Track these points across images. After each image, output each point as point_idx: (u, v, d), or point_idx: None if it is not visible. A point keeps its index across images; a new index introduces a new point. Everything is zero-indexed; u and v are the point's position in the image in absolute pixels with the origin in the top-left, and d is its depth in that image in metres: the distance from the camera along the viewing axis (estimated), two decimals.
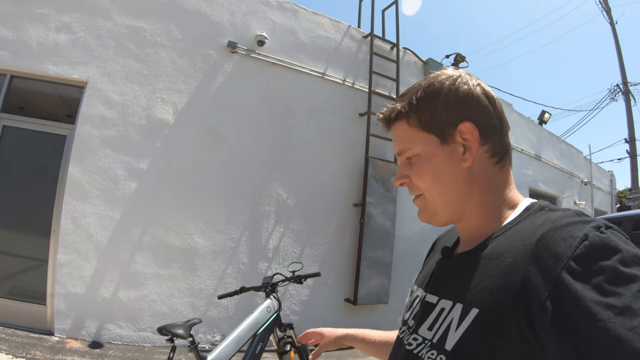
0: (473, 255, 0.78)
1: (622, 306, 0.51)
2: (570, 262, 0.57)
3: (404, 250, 6.49)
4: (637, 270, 0.55)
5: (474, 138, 0.79)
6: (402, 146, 0.86)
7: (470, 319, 0.68)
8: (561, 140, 12.14)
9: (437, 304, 0.80)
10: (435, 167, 0.81)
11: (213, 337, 4.94)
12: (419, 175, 0.83)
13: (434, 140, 0.81)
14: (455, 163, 0.80)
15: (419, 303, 0.89)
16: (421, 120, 0.82)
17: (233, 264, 5.22)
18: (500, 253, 0.70)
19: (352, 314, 5.93)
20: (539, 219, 0.71)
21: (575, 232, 0.61)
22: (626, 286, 0.53)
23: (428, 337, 0.77)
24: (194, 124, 5.19)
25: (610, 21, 14.98)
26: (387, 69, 6.81)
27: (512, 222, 0.76)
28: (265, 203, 5.53)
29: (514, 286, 0.62)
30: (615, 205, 15.75)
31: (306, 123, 5.96)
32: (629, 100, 15.06)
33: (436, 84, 0.82)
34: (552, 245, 0.61)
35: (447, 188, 0.81)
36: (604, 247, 0.57)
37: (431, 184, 0.82)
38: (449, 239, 1.00)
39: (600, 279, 0.54)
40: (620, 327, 0.50)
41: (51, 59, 4.56)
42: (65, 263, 4.36)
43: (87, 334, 4.37)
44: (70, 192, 4.48)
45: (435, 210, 0.84)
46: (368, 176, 6.07)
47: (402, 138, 0.86)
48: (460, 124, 0.80)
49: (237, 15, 5.60)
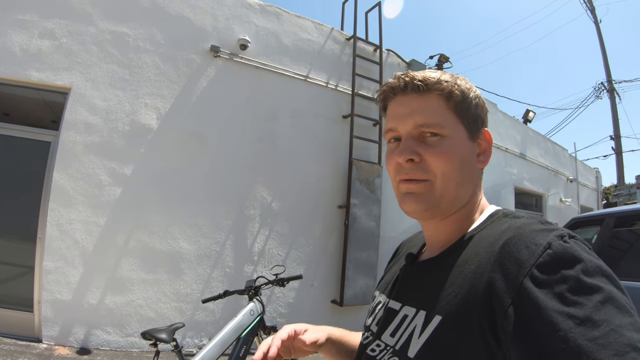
0: (437, 262, 0.79)
1: (584, 316, 0.52)
2: (534, 269, 0.58)
3: (389, 250, 6.58)
4: (599, 281, 0.56)
5: (490, 145, 0.85)
6: (434, 120, 0.78)
7: (433, 326, 0.69)
8: (546, 138, 12.44)
9: (400, 311, 0.81)
10: (463, 155, 0.80)
11: (200, 341, 5.07)
12: (444, 156, 0.77)
13: (464, 132, 0.81)
14: (474, 161, 0.82)
15: (382, 309, 0.89)
16: (459, 107, 0.80)
17: (219, 267, 5.34)
18: (465, 260, 0.72)
19: (338, 315, 6.09)
20: (503, 226, 0.72)
21: (538, 240, 0.62)
22: (588, 296, 0.54)
23: (391, 343, 0.78)
24: (177, 129, 5.32)
25: (594, 20, 15.31)
26: (371, 71, 6.99)
27: (476, 228, 0.78)
28: (250, 206, 5.66)
29: (478, 293, 0.64)
30: (601, 201, 16.06)
31: (290, 126, 6.12)
32: (614, 97, 15.38)
33: (461, 83, 0.82)
34: (515, 252, 0.62)
35: (465, 181, 0.80)
36: (567, 256, 0.59)
37: (454, 169, 0.78)
38: (413, 245, 1.01)
39: (562, 288, 0.55)
40: (581, 337, 0.51)
41: (34, 65, 4.66)
42: (51, 270, 4.47)
43: (75, 341, 4.49)
44: (56, 198, 4.58)
45: (440, 200, 0.78)
46: (352, 178, 6.25)
47: (433, 111, 0.79)
48: (484, 127, 0.84)
49: (219, 19, 5.73)
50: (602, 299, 0.54)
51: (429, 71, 0.83)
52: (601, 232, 4.03)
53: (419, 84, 0.79)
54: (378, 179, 6.54)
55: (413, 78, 0.80)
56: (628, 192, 14.15)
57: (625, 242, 3.90)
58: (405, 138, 0.81)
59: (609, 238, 3.90)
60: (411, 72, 0.82)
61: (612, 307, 0.53)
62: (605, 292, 0.55)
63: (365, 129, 6.68)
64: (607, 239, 3.89)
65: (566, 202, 12.20)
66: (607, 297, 0.54)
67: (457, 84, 0.80)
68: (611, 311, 0.53)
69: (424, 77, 0.80)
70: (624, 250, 3.86)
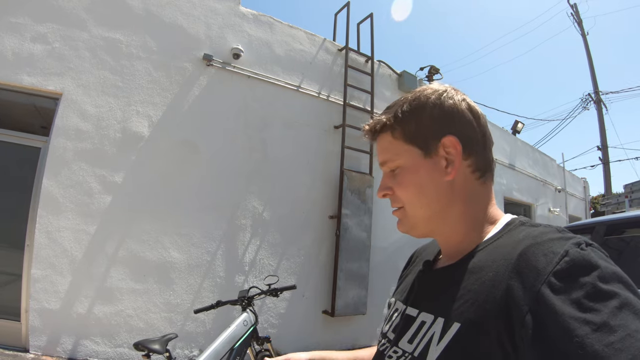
0: (454, 269, 0.81)
1: (600, 322, 0.54)
2: (551, 277, 0.60)
3: (381, 261, 6.73)
4: (616, 287, 0.58)
5: (457, 152, 0.83)
6: (386, 157, 0.89)
7: (452, 333, 0.70)
8: (535, 149, 12.72)
9: (418, 317, 0.82)
10: (418, 179, 0.84)
11: (191, 351, 5.07)
12: (402, 186, 0.86)
13: (418, 152, 0.84)
14: (438, 176, 0.83)
15: (398, 316, 0.91)
16: (405, 133, 0.86)
17: (209, 277, 5.36)
18: (482, 267, 0.73)
19: (330, 325, 6.14)
20: (520, 234, 0.74)
21: (556, 248, 0.64)
22: (604, 303, 0.56)
23: (409, 350, 0.79)
24: (169, 137, 5.38)
25: (581, 32, 15.70)
26: (362, 81, 7.12)
27: (493, 237, 0.80)
28: (241, 216, 5.71)
29: (495, 300, 0.65)
30: (589, 211, 16.35)
31: (281, 136, 6.22)
32: (601, 108, 15.76)
33: (422, 98, 0.86)
34: (533, 260, 0.64)
35: (429, 200, 0.84)
36: (584, 263, 0.61)
37: (413, 196, 0.84)
38: (429, 253, 1.04)
39: (579, 295, 0.57)
40: (598, 343, 0.52)
41: (26, 70, 4.70)
42: (39, 278, 4.47)
43: (62, 351, 4.48)
44: (45, 205, 4.60)
45: (415, 223, 0.87)
46: (343, 188, 6.35)
47: (386, 149, 0.89)
48: (444, 137, 0.83)
49: (213, 28, 5.80)
50: (619, 304, 0.56)
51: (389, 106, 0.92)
52: (592, 240, 4.11)
53: (368, 134, 0.93)
54: (369, 189, 6.62)
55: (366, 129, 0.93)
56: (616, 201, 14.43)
57: (616, 249, 3.99)
58: (383, 176, 0.93)
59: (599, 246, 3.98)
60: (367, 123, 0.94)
61: (628, 312, 0.55)
62: (622, 297, 0.57)
63: (356, 140, 6.77)
64: None
65: (555, 211, 12.45)
66: (623, 302, 0.56)
67: (400, 111, 0.87)
68: (627, 317, 0.55)
69: (371, 126, 0.92)
70: (614, 258, 3.94)
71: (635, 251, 3.81)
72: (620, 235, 4.01)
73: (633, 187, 14.88)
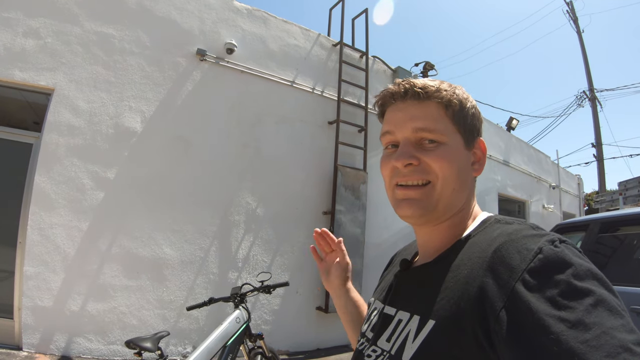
0: (430, 267, 0.83)
1: (575, 320, 0.54)
2: (525, 274, 0.60)
3: (374, 257, 6.78)
4: (590, 284, 0.58)
5: (484, 155, 0.90)
6: (433, 127, 0.83)
7: (427, 330, 0.71)
8: (529, 145, 12.84)
9: (395, 316, 0.83)
10: (459, 163, 0.84)
11: (184, 348, 5.11)
12: (444, 160, 0.82)
13: (461, 140, 0.85)
14: (469, 168, 0.87)
15: (377, 315, 0.93)
16: (457, 116, 0.85)
17: (203, 274, 5.39)
18: (457, 265, 0.74)
19: (324, 322, 6.21)
20: (495, 232, 0.74)
21: (529, 245, 0.64)
22: (579, 300, 0.56)
23: (386, 348, 0.80)
24: (162, 133, 5.42)
25: (577, 30, 15.81)
26: (357, 77, 7.16)
27: (469, 234, 0.81)
28: (234, 212, 5.74)
29: (470, 298, 0.66)
30: (583, 207, 16.50)
31: (275, 131, 6.27)
32: (596, 106, 15.88)
33: (459, 92, 0.87)
34: (507, 257, 0.65)
35: (461, 187, 0.84)
36: (557, 260, 0.61)
37: (453, 175, 0.82)
38: (407, 253, 1.06)
39: (553, 292, 0.57)
40: (573, 340, 0.52)
41: (18, 65, 4.71)
42: (32, 275, 4.50)
43: (56, 348, 4.51)
44: (37, 202, 4.62)
45: (436, 204, 0.83)
46: (337, 184, 6.40)
47: (433, 118, 0.83)
48: (479, 137, 0.89)
49: (206, 22, 5.81)
50: (593, 302, 0.56)
51: (429, 79, 0.87)
52: (586, 237, 4.19)
53: (419, 91, 0.83)
54: (363, 185, 6.67)
55: (413, 85, 0.84)
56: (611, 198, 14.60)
57: (610, 247, 4.05)
58: (404, 143, 0.84)
59: (593, 243, 4.05)
60: (411, 80, 0.86)
61: (603, 309, 0.55)
62: (596, 295, 0.57)
63: (350, 135, 6.81)
64: (592, 245, 4.05)
65: (549, 208, 12.59)
66: (598, 300, 0.56)
67: (456, 94, 0.85)
68: (602, 314, 0.55)
69: (424, 85, 0.84)
70: (608, 256, 4.00)
71: (629, 249, 3.87)
72: (615, 232, 4.07)
73: (627, 185, 15.08)
